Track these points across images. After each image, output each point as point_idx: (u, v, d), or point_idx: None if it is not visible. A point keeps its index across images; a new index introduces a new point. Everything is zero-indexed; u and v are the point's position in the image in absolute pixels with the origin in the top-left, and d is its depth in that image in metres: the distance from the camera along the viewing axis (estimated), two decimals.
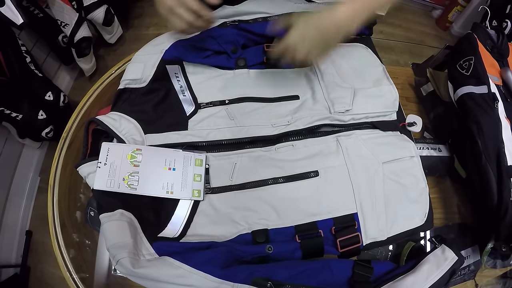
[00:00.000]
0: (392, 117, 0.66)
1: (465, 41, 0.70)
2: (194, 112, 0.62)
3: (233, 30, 0.66)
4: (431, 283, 0.47)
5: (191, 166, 0.56)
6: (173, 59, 0.63)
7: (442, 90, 0.76)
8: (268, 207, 0.55)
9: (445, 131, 0.74)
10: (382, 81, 0.68)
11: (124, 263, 0.44)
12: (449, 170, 0.71)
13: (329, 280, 0.49)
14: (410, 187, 0.59)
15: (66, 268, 0.58)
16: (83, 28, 1.45)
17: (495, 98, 0.63)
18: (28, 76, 1.24)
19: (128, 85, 0.61)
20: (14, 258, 1.35)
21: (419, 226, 0.57)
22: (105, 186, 0.51)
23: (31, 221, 1.45)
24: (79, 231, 0.64)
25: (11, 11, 0.95)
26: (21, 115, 1.21)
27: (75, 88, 1.74)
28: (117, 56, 1.81)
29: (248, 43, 0.68)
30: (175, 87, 0.64)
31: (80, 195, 0.68)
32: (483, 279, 0.66)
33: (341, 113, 0.62)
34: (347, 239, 0.53)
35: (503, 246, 0.59)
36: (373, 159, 0.59)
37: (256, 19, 0.67)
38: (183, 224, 0.54)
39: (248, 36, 0.67)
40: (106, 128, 0.56)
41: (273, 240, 0.53)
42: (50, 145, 1.56)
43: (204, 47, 0.65)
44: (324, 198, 0.56)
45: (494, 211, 0.59)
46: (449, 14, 2.05)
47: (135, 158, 0.54)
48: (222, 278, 0.44)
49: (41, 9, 1.32)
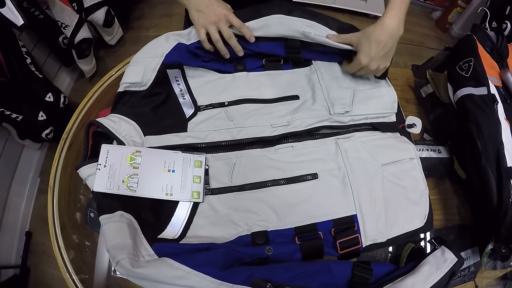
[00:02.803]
0: (391, 119, 0.67)
1: (465, 43, 0.70)
2: (193, 114, 0.62)
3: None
4: (431, 284, 0.47)
5: (191, 167, 0.56)
6: (173, 63, 0.63)
7: (442, 91, 0.76)
8: (268, 209, 0.55)
9: (444, 132, 0.74)
10: (380, 83, 0.68)
11: (123, 264, 0.44)
12: (449, 171, 0.71)
13: (329, 282, 0.49)
14: (410, 188, 0.59)
15: (66, 269, 0.59)
16: (83, 29, 1.45)
17: (495, 99, 0.63)
18: (28, 77, 1.25)
19: (128, 88, 0.61)
20: (13, 259, 1.35)
21: (419, 227, 0.57)
22: (105, 188, 0.52)
23: (31, 222, 1.45)
24: (79, 232, 0.64)
25: (11, 12, 0.95)
26: (21, 116, 1.21)
27: (75, 89, 1.74)
28: (117, 57, 1.82)
29: (245, 54, 0.67)
30: (175, 90, 0.64)
31: (80, 197, 0.68)
32: (483, 280, 0.66)
33: (340, 114, 0.62)
34: (346, 240, 0.53)
35: (503, 248, 0.59)
36: (373, 161, 0.59)
37: (257, 37, 0.64)
38: (183, 225, 0.54)
39: (247, 51, 0.66)
40: (106, 130, 0.56)
41: (272, 242, 0.53)
42: (50, 146, 1.57)
43: (201, 55, 0.65)
44: (324, 200, 0.56)
45: (494, 212, 0.59)
46: (448, 15, 2.06)
47: (135, 160, 0.54)
48: (221, 280, 0.44)
49: (41, 10, 1.32)
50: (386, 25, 0.55)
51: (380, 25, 0.56)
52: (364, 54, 0.58)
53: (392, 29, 0.55)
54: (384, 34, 0.56)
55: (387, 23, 0.55)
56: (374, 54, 0.57)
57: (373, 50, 0.57)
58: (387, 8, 0.57)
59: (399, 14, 0.56)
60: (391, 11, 0.56)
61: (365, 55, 0.58)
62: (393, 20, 0.55)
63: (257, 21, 0.62)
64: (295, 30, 0.62)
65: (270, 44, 0.65)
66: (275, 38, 0.64)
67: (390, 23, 0.55)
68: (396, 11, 0.56)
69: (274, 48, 0.66)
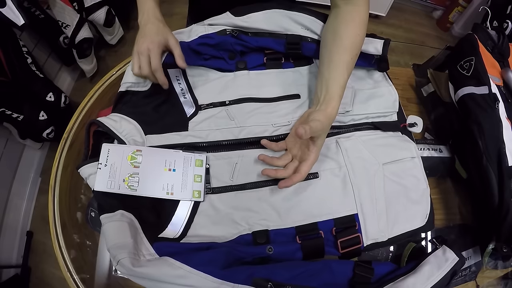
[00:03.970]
0: (392, 118, 0.66)
1: (466, 42, 0.70)
2: (194, 113, 0.62)
3: (231, 39, 0.65)
4: (432, 284, 0.47)
5: (191, 166, 0.56)
6: (174, 62, 0.63)
7: (443, 90, 0.76)
8: (269, 208, 0.55)
9: (446, 131, 0.74)
10: (381, 82, 0.68)
11: (124, 263, 0.44)
12: (450, 171, 0.71)
13: (330, 281, 0.49)
14: (411, 187, 0.59)
15: (66, 269, 0.59)
16: (84, 29, 1.45)
17: (496, 98, 0.63)
18: (29, 77, 1.25)
19: (130, 88, 0.61)
20: (15, 258, 1.35)
21: (420, 227, 0.57)
22: (106, 187, 0.52)
23: (32, 221, 1.45)
24: (80, 231, 0.64)
25: (12, 12, 0.95)
26: (22, 116, 1.22)
27: (76, 89, 1.74)
28: (118, 57, 1.82)
29: (246, 50, 0.68)
30: (176, 89, 0.64)
31: (81, 196, 0.68)
32: (484, 280, 0.66)
33: (341, 114, 0.62)
34: (347, 240, 0.53)
35: (504, 247, 0.59)
36: (373, 160, 0.59)
37: (256, 32, 0.66)
38: (184, 224, 0.54)
39: (247, 45, 0.67)
40: (106, 129, 0.56)
41: (273, 241, 0.53)
42: (51, 146, 1.57)
43: (202, 52, 0.65)
44: (325, 199, 0.56)
45: (495, 212, 0.59)
46: (449, 15, 2.06)
47: (135, 159, 0.54)
48: (222, 279, 0.44)
49: (42, 10, 1.33)
50: (331, 111, 0.54)
51: (325, 112, 0.54)
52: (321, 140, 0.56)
53: (333, 115, 0.55)
54: (329, 120, 0.55)
55: (332, 108, 0.55)
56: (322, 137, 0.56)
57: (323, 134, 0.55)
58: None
59: (339, 101, 0.56)
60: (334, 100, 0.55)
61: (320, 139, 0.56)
62: (336, 106, 0.55)
63: (258, 13, 0.64)
64: (295, 21, 0.63)
65: (270, 40, 0.66)
66: (275, 34, 0.65)
67: (334, 109, 0.55)
68: (339, 99, 0.56)
69: (274, 44, 0.66)
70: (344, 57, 0.57)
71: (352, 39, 0.58)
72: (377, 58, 0.65)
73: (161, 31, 0.58)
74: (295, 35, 0.64)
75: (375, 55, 0.64)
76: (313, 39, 0.64)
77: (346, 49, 0.57)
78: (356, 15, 0.58)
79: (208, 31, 0.65)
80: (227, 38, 0.65)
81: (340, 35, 0.58)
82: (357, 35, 0.58)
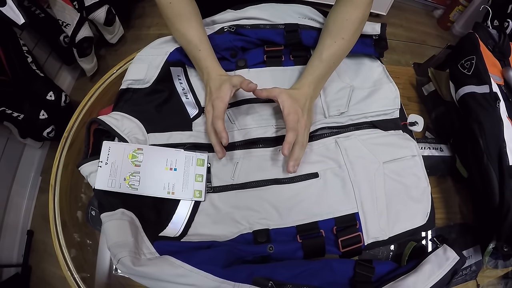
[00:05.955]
0: (394, 115, 0.66)
1: (467, 41, 0.69)
2: (198, 115, 0.62)
3: (230, 36, 0.66)
4: (432, 283, 0.47)
5: (193, 166, 0.56)
6: (176, 61, 0.63)
7: (444, 89, 0.76)
8: (270, 207, 0.55)
9: (446, 130, 0.73)
10: (382, 80, 0.67)
11: (125, 262, 0.44)
12: (451, 170, 0.71)
13: (331, 280, 0.49)
14: (412, 186, 0.59)
15: (67, 268, 0.59)
16: (84, 28, 1.45)
17: (497, 97, 0.63)
18: (29, 76, 1.25)
19: (131, 85, 0.61)
20: (15, 257, 1.35)
21: (420, 225, 0.57)
22: (106, 186, 0.51)
23: (32, 220, 1.45)
24: (80, 230, 0.64)
25: (12, 11, 0.95)
26: (23, 115, 1.22)
27: (77, 88, 1.74)
28: (118, 56, 1.82)
29: (246, 46, 0.68)
30: (178, 89, 0.64)
31: (81, 195, 0.68)
32: (485, 279, 0.66)
33: (336, 115, 0.62)
34: (348, 238, 0.53)
35: (505, 246, 0.59)
36: (373, 159, 0.59)
37: (254, 25, 0.66)
38: (184, 223, 0.54)
39: (246, 39, 0.67)
40: (108, 127, 0.56)
41: (274, 240, 0.53)
42: (51, 145, 1.57)
43: None
44: (325, 199, 0.56)
45: (496, 211, 0.59)
46: (450, 13, 2.05)
47: (136, 158, 0.54)
48: (223, 278, 0.44)
49: (42, 9, 1.32)
50: (308, 90, 0.57)
51: (302, 90, 0.57)
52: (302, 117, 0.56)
53: (313, 94, 0.58)
54: (309, 99, 0.57)
55: (307, 87, 0.57)
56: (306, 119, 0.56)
57: (305, 114, 0.56)
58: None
59: (319, 82, 0.59)
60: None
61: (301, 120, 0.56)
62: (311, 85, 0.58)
63: (255, 6, 0.67)
64: (293, 11, 0.66)
65: (269, 31, 0.66)
66: (273, 25, 0.66)
67: (310, 89, 0.57)
68: (317, 80, 0.59)
69: (273, 34, 0.66)
70: (328, 40, 0.59)
71: (339, 23, 0.60)
72: (376, 39, 0.65)
73: (222, 81, 0.57)
74: (293, 24, 0.65)
75: (373, 36, 0.63)
76: (311, 26, 0.64)
77: (330, 33, 0.60)
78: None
79: (207, 32, 0.65)
80: (226, 36, 0.65)
81: (329, 18, 0.61)
82: (344, 20, 0.59)
